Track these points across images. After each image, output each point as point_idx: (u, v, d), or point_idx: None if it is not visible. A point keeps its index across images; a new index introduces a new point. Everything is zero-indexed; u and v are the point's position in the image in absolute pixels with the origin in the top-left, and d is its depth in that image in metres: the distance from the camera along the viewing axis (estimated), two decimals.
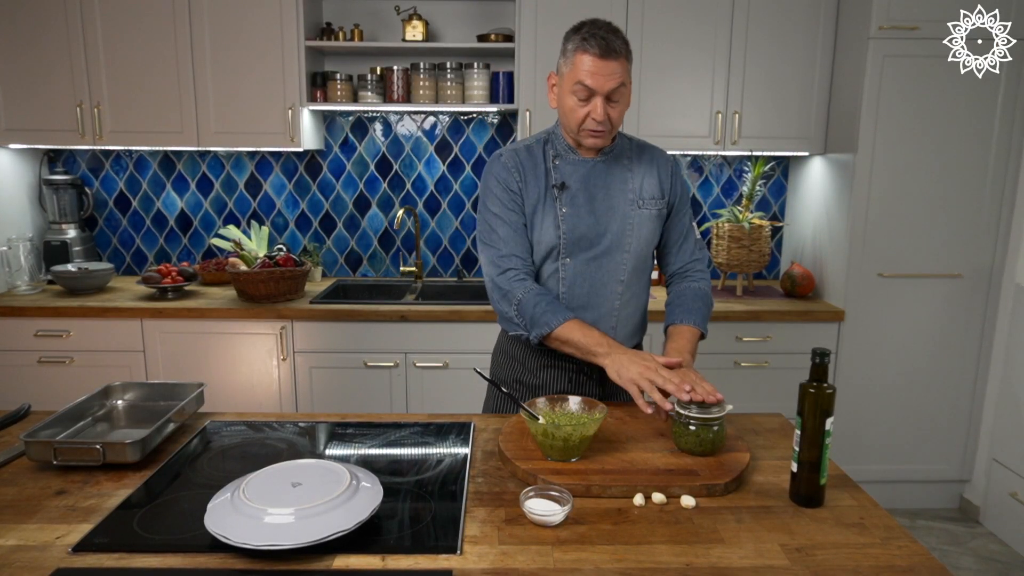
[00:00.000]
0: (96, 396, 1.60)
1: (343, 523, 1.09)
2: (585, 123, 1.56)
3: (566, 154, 1.66)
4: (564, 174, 1.64)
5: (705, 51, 2.93)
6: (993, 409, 2.92)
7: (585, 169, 1.65)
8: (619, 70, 1.51)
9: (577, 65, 1.52)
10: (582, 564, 1.07)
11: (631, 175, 1.67)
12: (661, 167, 1.71)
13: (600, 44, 1.49)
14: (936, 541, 2.82)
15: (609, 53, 1.50)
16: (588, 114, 1.54)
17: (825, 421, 1.23)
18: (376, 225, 3.42)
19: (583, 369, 1.71)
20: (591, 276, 1.66)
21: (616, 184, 1.66)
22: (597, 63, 1.50)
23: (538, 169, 1.65)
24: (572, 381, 1.73)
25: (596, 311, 1.68)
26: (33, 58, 2.90)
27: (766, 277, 3.49)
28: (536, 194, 1.64)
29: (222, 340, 2.81)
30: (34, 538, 1.13)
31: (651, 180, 1.69)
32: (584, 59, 1.51)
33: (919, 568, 1.08)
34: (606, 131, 1.57)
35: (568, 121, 1.59)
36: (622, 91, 1.54)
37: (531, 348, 1.74)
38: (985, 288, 2.88)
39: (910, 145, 2.79)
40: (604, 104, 1.53)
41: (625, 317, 1.72)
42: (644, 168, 1.69)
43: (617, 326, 1.71)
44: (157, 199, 3.38)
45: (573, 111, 1.56)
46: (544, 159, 1.66)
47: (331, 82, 3.03)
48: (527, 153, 1.67)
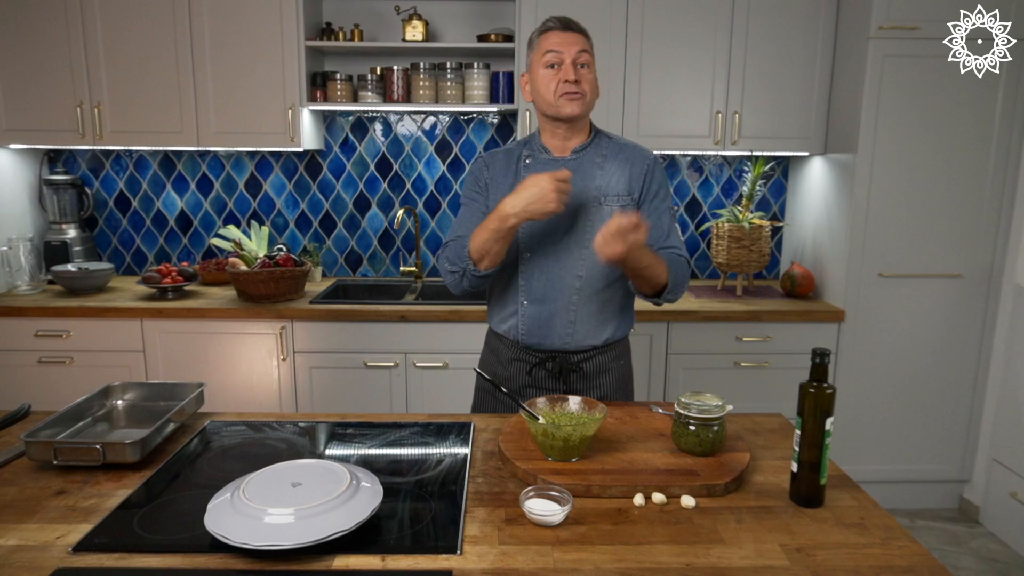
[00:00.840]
0: (96, 396, 1.60)
1: (343, 523, 1.09)
2: (559, 88, 1.61)
3: (538, 154, 1.72)
4: (532, 171, 1.70)
5: (705, 51, 2.93)
6: (993, 409, 2.92)
7: (553, 167, 1.69)
8: (581, 40, 1.63)
9: (543, 42, 1.64)
10: (582, 564, 1.07)
11: (600, 172, 1.70)
12: (635, 165, 1.71)
13: (560, 20, 1.64)
14: (936, 541, 2.82)
15: (569, 26, 1.64)
16: (561, 79, 1.61)
17: (825, 421, 1.23)
18: (376, 225, 3.42)
19: (544, 364, 1.75)
20: (548, 270, 1.69)
21: (582, 181, 1.69)
22: (560, 34, 1.62)
23: (510, 168, 1.74)
24: (530, 374, 1.77)
25: (553, 304, 1.71)
26: (33, 58, 2.90)
27: (766, 277, 3.49)
28: (503, 190, 1.69)
29: (222, 340, 2.81)
30: (34, 538, 1.13)
31: (620, 178, 1.70)
32: (548, 35, 1.64)
33: (919, 568, 1.08)
34: (581, 95, 1.62)
35: (545, 95, 1.64)
36: (587, 59, 1.64)
37: (503, 341, 1.79)
38: (985, 288, 2.88)
39: (910, 145, 2.79)
40: (574, 66, 1.61)
41: (586, 314, 1.71)
42: (616, 166, 1.71)
43: (576, 321, 1.71)
44: (157, 199, 3.38)
45: (547, 82, 1.63)
46: (518, 160, 1.74)
47: (331, 82, 3.03)
48: (504, 155, 1.77)
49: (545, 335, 1.72)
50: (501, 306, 1.77)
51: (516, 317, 1.74)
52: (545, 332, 1.72)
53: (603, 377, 1.78)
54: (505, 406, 1.79)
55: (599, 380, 1.78)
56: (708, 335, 2.86)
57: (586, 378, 1.77)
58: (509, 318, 1.75)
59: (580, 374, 1.76)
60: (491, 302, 1.83)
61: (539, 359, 1.75)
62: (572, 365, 1.75)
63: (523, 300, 1.72)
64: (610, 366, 1.79)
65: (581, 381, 1.77)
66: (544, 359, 1.75)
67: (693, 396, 1.45)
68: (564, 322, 1.71)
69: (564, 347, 1.73)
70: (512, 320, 1.74)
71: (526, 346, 1.74)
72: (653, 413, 1.63)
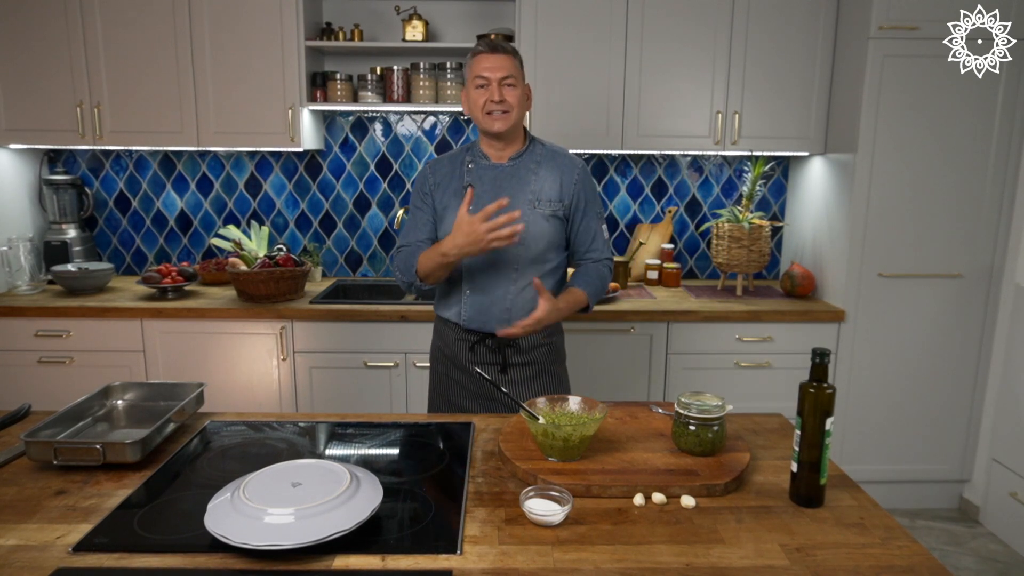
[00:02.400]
0: (96, 396, 1.60)
1: (343, 523, 1.09)
2: (486, 106, 1.82)
3: (480, 160, 1.93)
4: (474, 177, 1.91)
5: (705, 51, 2.93)
6: (993, 409, 2.92)
7: (494, 173, 1.90)
8: (507, 63, 1.81)
9: (474, 66, 1.83)
10: (582, 564, 1.07)
11: (535, 178, 1.89)
12: (566, 174, 1.90)
13: (488, 44, 1.84)
14: (936, 541, 2.82)
15: (496, 49, 1.82)
16: (488, 98, 1.81)
17: (825, 421, 1.23)
18: (376, 225, 3.42)
19: (483, 341, 1.94)
20: (488, 264, 1.89)
21: (519, 186, 1.89)
22: (488, 57, 1.82)
23: (455, 173, 1.93)
24: (472, 349, 1.96)
25: (491, 294, 1.90)
26: (33, 58, 2.90)
27: (766, 277, 3.49)
28: (448, 193, 1.91)
29: (222, 340, 2.81)
30: (34, 538, 1.13)
31: (552, 184, 1.89)
32: (477, 58, 1.83)
33: (919, 568, 1.08)
34: (507, 112, 1.82)
35: (476, 113, 1.85)
36: (513, 81, 1.82)
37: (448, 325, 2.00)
38: (985, 288, 2.88)
39: (910, 145, 2.79)
40: (499, 87, 1.80)
41: (521, 301, 1.90)
42: (549, 173, 1.90)
43: (512, 308, 1.90)
44: (157, 199, 3.38)
45: (476, 102, 1.83)
46: (461, 165, 1.94)
47: (331, 82, 3.03)
48: (448, 160, 1.97)
49: (485, 320, 1.92)
50: (446, 295, 1.99)
51: (459, 304, 1.94)
52: (485, 318, 1.91)
53: (537, 351, 1.98)
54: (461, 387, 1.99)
55: (533, 354, 1.98)
56: (708, 335, 2.86)
57: (522, 352, 1.97)
58: (453, 305, 1.96)
59: (516, 348, 1.96)
60: (438, 291, 2.04)
61: (479, 337, 1.95)
62: (508, 341, 1.93)
63: (466, 290, 1.93)
64: (543, 341, 1.99)
65: (518, 355, 1.97)
66: (484, 337, 1.95)
67: (693, 396, 1.45)
68: (501, 308, 1.90)
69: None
70: (456, 307, 1.95)
71: (468, 329, 1.95)
72: (653, 413, 1.63)
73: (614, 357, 2.86)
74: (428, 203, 1.95)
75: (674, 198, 3.41)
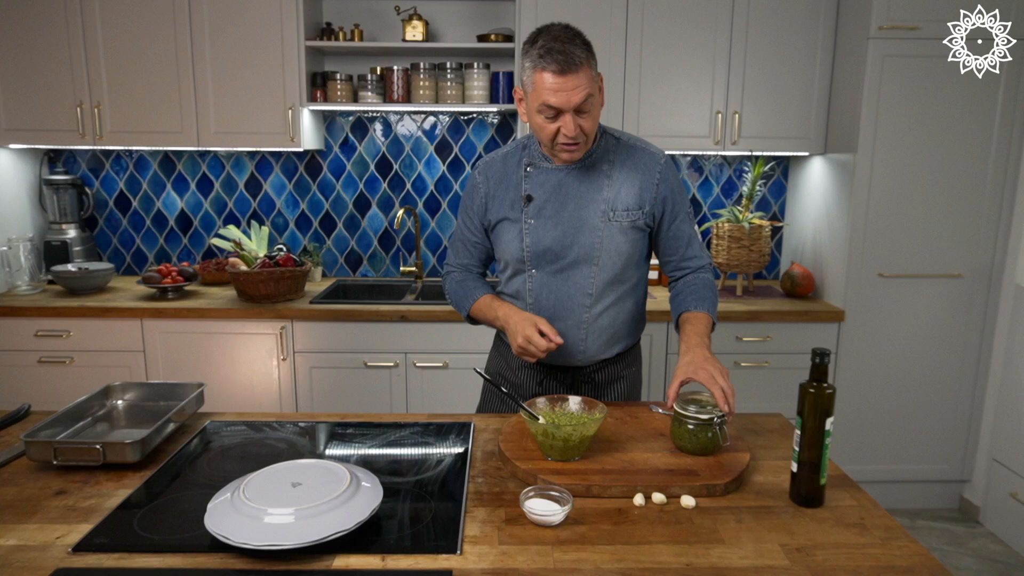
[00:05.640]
0: (96, 396, 1.60)
1: (343, 523, 1.09)
2: (557, 138, 1.50)
3: (539, 162, 1.62)
4: (534, 184, 1.61)
5: (705, 51, 2.93)
6: (993, 409, 2.92)
7: (557, 178, 1.60)
8: (583, 82, 1.43)
9: (539, 85, 1.44)
10: (582, 564, 1.07)
11: (608, 183, 1.59)
12: (646, 174, 1.60)
13: (558, 60, 1.41)
14: (936, 541, 2.82)
15: (569, 67, 1.41)
16: (559, 130, 1.48)
17: (825, 421, 1.23)
18: (376, 225, 3.42)
19: (554, 374, 1.74)
20: (557, 288, 1.63)
21: (589, 194, 1.59)
22: (558, 80, 1.42)
23: (510, 179, 1.64)
24: (541, 384, 1.75)
25: (564, 322, 1.65)
26: (33, 58, 2.90)
27: (766, 277, 3.49)
28: (506, 204, 1.63)
29: (222, 340, 2.81)
30: (34, 538, 1.13)
31: (630, 189, 1.59)
32: (545, 77, 1.43)
33: (919, 568, 1.08)
34: (580, 144, 1.51)
35: (540, 137, 1.53)
36: (591, 101, 1.46)
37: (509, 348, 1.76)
38: (985, 288, 2.88)
39: (910, 145, 2.79)
40: (574, 118, 1.46)
41: (598, 329, 1.66)
42: (625, 175, 1.60)
43: (587, 338, 1.67)
44: (157, 199, 3.38)
45: (543, 128, 1.50)
46: (518, 167, 1.64)
47: (331, 82, 3.03)
48: (502, 162, 1.66)
49: (556, 354, 1.65)
50: None
51: None
52: (557, 351, 1.61)
53: (614, 385, 1.77)
54: (511, 408, 1.77)
55: (610, 388, 1.77)
56: None
57: (598, 388, 1.75)
58: None
59: (592, 384, 1.74)
60: None
61: (549, 370, 1.73)
62: (584, 377, 1.73)
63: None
64: (622, 374, 1.77)
65: (593, 391, 1.75)
66: (555, 370, 1.73)
67: (691, 396, 1.45)
68: (575, 339, 1.66)
69: (576, 363, 1.71)
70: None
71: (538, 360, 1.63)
72: (653, 413, 1.63)
73: None
74: (478, 222, 1.69)
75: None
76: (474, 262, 1.76)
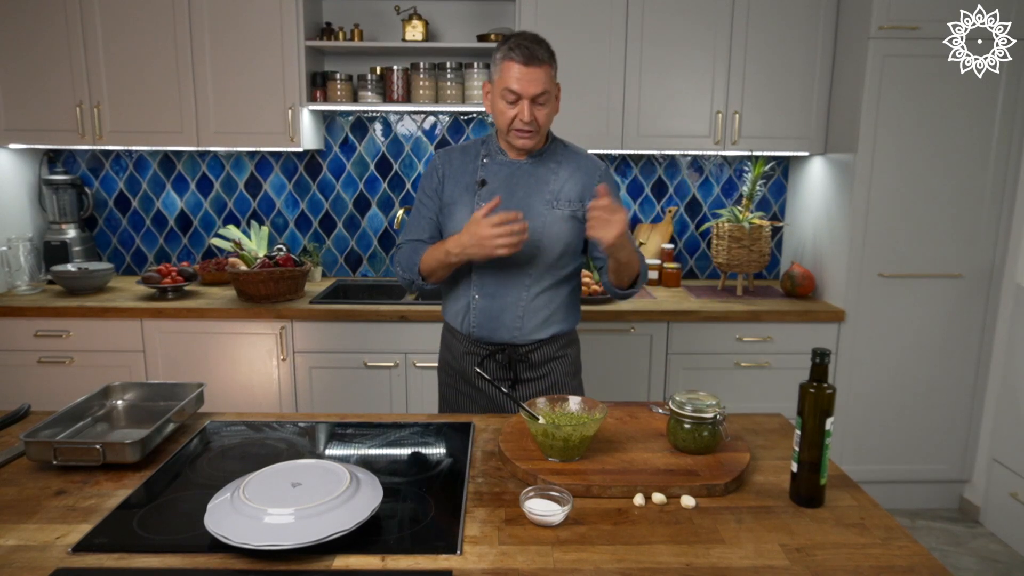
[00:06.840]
0: (96, 396, 1.60)
1: (343, 523, 1.09)
2: (514, 124, 1.69)
3: (496, 155, 1.80)
4: (489, 172, 1.79)
5: (705, 51, 2.93)
6: (993, 409, 2.92)
7: (510, 169, 1.78)
8: (543, 77, 1.66)
9: (505, 72, 1.66)
10: (582, 564, 1.07)
11: (555, 177, 1.78)
12: (588, 175, 1.80)
13: (524, 53, 1.64)
14: (936, 541, 2.82)
15: (533, 60, 1.64)
16: (516, 116, 1.68)
17: (825, 421, 1.23)
18: (376, 225, 3.42)
19: (493, 356, 1.84)
20: (500, 267, 1.77)
21: (537, 185, 1.77)
22: (523, 70, 1.64)
23: (467, 167, 1.81)
24: (481, 364, 1.85)
25: (503, 299, 1.79)
26: (33, 58, 2.90)
27: (766, 277, 3.49)
28: (458, 188, 1.79)
29: (222, 340, 2.81)
30: (34, 538, 1.13)
31: (574, 185, 1.78)
32: (511, 66, 1.65)
33: (919, 568, 1.08)
34: (534, 131, 1.70)
35: (500, 124, 1.72)
36: (547, 96, 1.68)
37: (456, 336, 1.89)
38: (985, 288, 2.88)
39: (910, 145, 2.78)
40: (531, 106, 1.67)
41: (534, 308, 1.80)
42: (569, 173, 1.79)
43: (524, 315, 1.80)
44: (157, 199, 3.38)
45: (503, 114, 1.69)
46: (476, 158, 1.81)
47: (331, 82, 3.03)
48: (461, 152, 1.84)
49: (495, 328, 1.80)
50: (454, 299, 1.87)
51: (468, 311, 1.82)
52: (495, 326, 1.80)
53: (552, 364, 1.87)
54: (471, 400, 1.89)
55: (548, 367, 1.87)
56: (708, 335, 2.86)
57: (534, 367, 1.86)
58: (460, 311, 1.84)
59: (528, 363, 1.85)
60: (445, 295, 1.92)
61: (489, 351, 1.84)
62: (520, 356, 1.84)
63: (475, 295, 1.81)
64: (558, 355, 1.88)
65: (530, 370, 1.86)
66: (493, 351, 1.84)
67: (687, 394, 1.45)
68: (513, 317, 1.80)
69: (512, 340, 1.82)
70: (463, 314, 1.83)
71: (476, 339, 1.83)
72: (653, 413, 1.63)
73: (614, 357, 2.86)
74: (435, 199, 1.83)
75: (674, 198, 3.41)
76: (425, 236, 1.85)
